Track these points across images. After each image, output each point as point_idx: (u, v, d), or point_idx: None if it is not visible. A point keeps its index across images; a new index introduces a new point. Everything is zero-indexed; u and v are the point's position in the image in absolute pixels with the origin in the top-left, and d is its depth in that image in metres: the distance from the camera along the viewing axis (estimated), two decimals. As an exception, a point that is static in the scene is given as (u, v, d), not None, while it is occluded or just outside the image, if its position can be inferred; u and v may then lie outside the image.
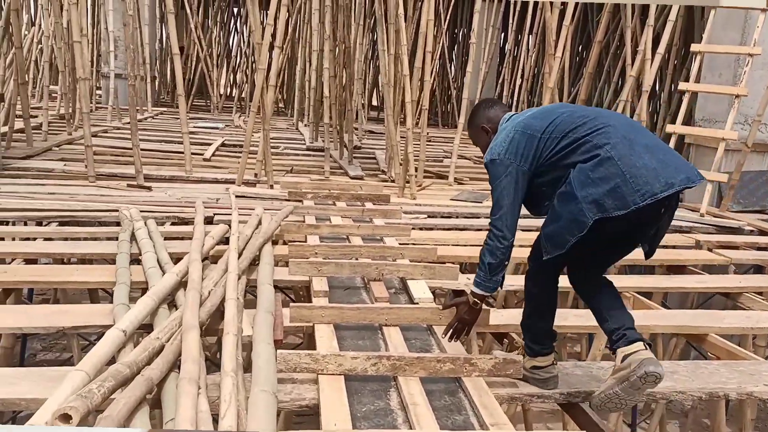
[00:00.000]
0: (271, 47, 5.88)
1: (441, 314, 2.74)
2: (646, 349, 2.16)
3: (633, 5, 7.59)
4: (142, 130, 8.97)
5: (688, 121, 6.96)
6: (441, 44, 14.39)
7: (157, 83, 12.71)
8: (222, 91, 13.25)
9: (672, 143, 5.93)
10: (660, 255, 4.62)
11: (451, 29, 15.86)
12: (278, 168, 6.79)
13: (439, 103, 15.60)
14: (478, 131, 2.56)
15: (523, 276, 2.57)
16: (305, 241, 3.91)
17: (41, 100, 7.47)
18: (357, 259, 3.55)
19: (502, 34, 13.14)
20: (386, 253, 3.61)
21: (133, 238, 3.47)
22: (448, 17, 14.26)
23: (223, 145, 8.03)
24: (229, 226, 3.78)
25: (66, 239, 3.77)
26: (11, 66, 6.01)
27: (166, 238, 3.84)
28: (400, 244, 4.01)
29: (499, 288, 2.40)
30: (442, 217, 5.24)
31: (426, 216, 5.13)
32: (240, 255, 3.17)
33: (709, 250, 4.71)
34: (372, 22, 11.14)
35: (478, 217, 5.22)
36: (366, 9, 8.33)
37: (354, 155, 8.14)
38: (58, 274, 3.22)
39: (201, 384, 1.86)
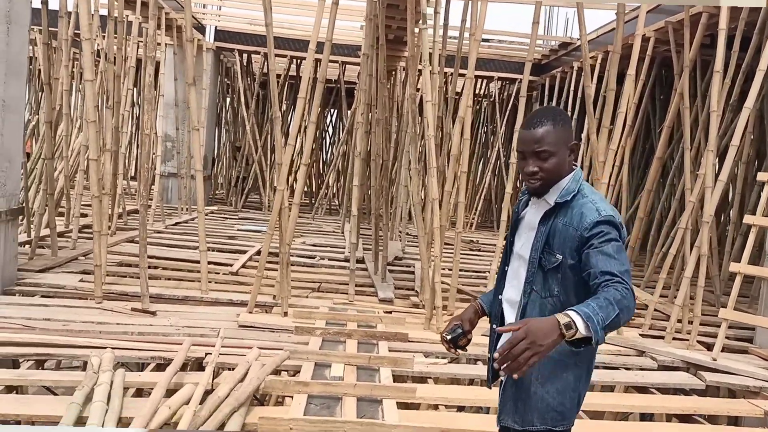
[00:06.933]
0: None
1: None
2: None
3: (692, 131, 7.07)
4: (181, 235, 8.89)
5: (758, 254, 6.21)
6: (497, 147, 14.10)
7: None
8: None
9: (737, 281, 5.24)
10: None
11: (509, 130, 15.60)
12: (306, 284, 6.45)
13: (493, 202, 15.09)
14: (567, 141, 2.12)
15: None
16: (292, 398, 3.46)
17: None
18: (341, 436, 3.05)
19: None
20: None
21: (91, 395, 3.10)
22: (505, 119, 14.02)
23: (258, 253, 7.79)
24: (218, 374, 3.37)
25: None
26: (42, 176, 6.00)
27: (137, 391, 3.48)
28: (401, 406, 3.50)
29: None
30: (467, 361, 4.71)
31: (447, 361, 4.60)
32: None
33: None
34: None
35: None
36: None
37: (393, 266, 7.72)
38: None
39: None
